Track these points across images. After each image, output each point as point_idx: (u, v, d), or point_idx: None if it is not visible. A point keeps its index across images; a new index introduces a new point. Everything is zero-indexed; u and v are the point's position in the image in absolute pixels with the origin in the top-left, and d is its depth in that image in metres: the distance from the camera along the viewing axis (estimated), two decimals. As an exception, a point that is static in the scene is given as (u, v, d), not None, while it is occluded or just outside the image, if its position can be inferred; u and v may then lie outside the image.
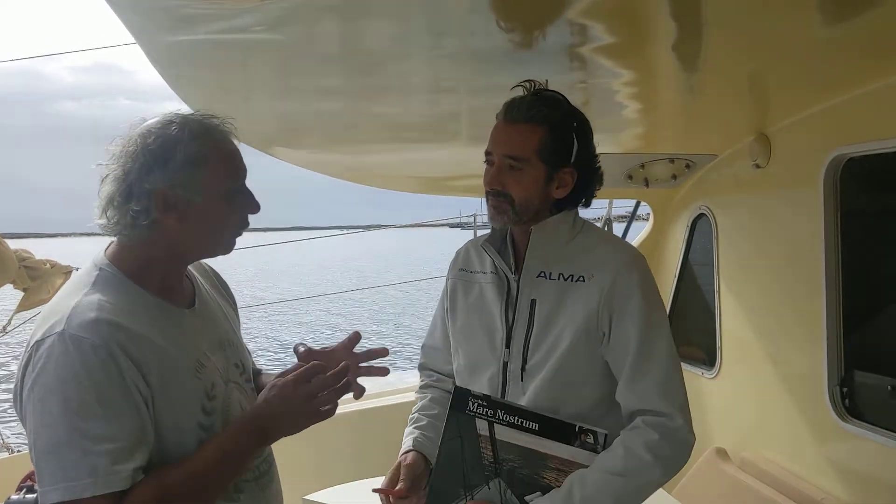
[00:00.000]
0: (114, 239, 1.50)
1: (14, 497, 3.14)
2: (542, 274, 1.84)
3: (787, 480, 2.99)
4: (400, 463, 1.88)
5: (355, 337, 1.76)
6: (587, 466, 1.72)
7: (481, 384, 1.87)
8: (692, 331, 4.14)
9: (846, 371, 2.74)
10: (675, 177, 3.88)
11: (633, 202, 5.55)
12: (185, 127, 1.43)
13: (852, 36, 2.08)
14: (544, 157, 1.78)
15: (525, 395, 1.81)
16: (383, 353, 1.77)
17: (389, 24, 1.85)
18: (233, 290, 1.81)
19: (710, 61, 2.28)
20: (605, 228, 5.75)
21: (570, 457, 1.74)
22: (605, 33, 1.98)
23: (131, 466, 1.30)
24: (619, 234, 5.77)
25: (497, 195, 1.80)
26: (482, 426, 1.73)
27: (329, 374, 1.46)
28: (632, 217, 5.79)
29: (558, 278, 1.82)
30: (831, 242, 2.76)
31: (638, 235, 4.75)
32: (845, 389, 2.73)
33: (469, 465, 1.72)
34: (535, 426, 1.73)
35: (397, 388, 4.56)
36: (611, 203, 5.70)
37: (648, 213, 4.87)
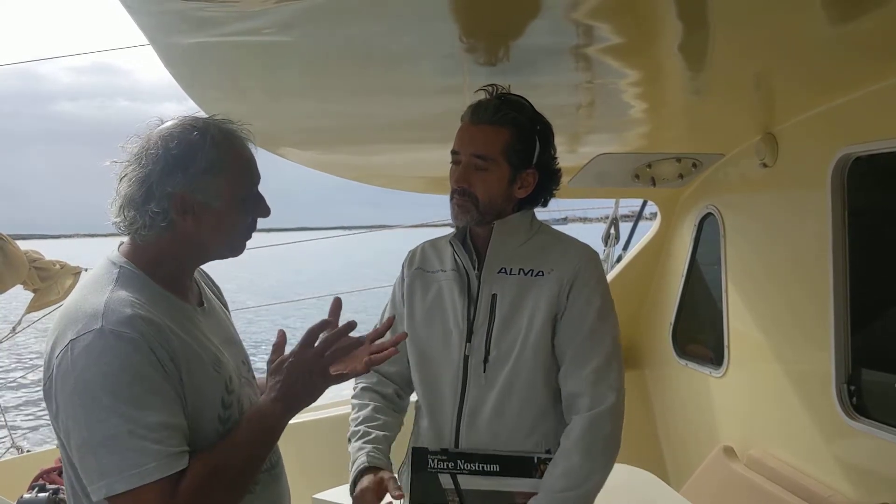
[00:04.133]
0: (124, 239, 1.52)
1: (26, 496, 3.17)
2: (503, 270, 1.91)
3: (795, 478, 3.00)
4: (379, 480, 1.86)
5: (336, 305, 1.65)
6: None
7: (441, 378, 1.94)
8: (699, 330, 4.15)
9: (854, 369, 2.75)
10: (681, 176, 3.89)
11: (640, 202, 5.57)
12: (206, 133, 1.46)
13: (859, 35, 2.08)
14: (509, 157, 1.86)
15: (487, 387, 1.89)
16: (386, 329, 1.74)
17: (399, 25, 1.87)
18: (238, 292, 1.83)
19: (716, 61, 2.29)
20: (612, 228, 5.78)
21: (534, 489, 1.81)
22: (612, 33, 1.99)
23: (185, 447, 1.35)
24: (626, 234, 5.80)
25: (462, 194, 1.88)
26: (446, 480, 1.80)
27: (332, 331, 1.51)
28: (638, 216, 5.80)
29: (518, 273, 1.91)
30: (839, 241, 2.76)
31: (645, 235, 4.75)
32: (853, 387, 2.73)
33: None
34: (495, 468, 1.80)
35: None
36: (617, 202, 5.71)
37: (652, 213, 4.88)
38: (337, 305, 1.59)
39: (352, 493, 1.89)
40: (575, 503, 1.79)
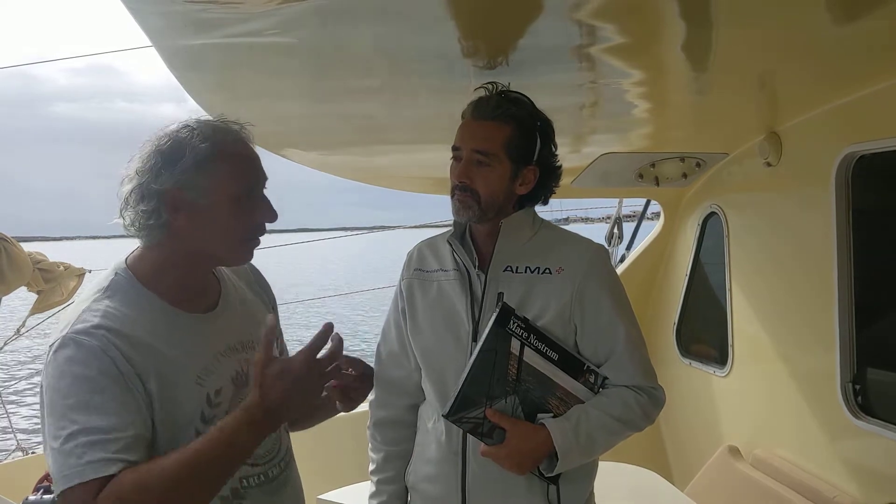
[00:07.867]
0: (137, 245, 1.52)
1: (31, 497, 3.19)
2: (509, 268, 1.91)
3: (800, 478, 3.00)
4: None
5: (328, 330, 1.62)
6: (583, 401, 1.85)
7: (448, 379, 1.91)
8: (704, 329, 4.15)
9: (858, 368, 2.74)
10: (685, 175, 3.89)
11: (642, 203, 5.56)
12: (196, 129, 1.46)
13: (863, 34, 2.08)
14: (510, 153, 1.85)
15: None
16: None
17: (401, 26, 1.87)
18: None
19: (720, 60, 2.28)
20: (615, 228, 5.77)
21: (573, 390, 1.85)
22: (616, 33, 1.98)
23: (127, 457, 1.31)
24: (629, 234, 5.79)
25: (464, 190, 1.86)
26: (515, 345, 1.80)
27: (331, 350, 1.47)
28: (641, 216, 5.79)
29: (525, 271, 1.90)
30: (843, 240, 2.76)
31: (648, 234, 4.75)
32: (858, 386, 2.73)
33: (495, 378, 1.79)
34: (555, 356, 1.83)
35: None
36: (620, 202, 5.71)
37: (654, 213, 4.87)
38: (329, 329, 1.48)
39: None
40: (616, 436, 1.85)
